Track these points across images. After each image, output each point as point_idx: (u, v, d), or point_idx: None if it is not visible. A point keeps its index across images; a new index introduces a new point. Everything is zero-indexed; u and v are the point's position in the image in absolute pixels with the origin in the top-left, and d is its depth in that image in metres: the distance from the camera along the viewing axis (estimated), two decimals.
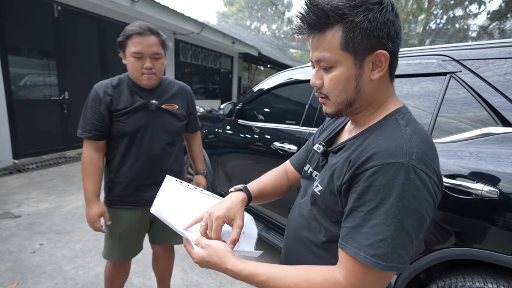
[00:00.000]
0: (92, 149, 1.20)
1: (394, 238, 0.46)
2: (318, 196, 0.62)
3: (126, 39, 1.13)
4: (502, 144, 1.02)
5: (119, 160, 1.24)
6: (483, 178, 1.00)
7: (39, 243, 2.27)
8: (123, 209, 1.28)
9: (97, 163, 1.21)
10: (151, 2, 5.40)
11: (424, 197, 0.48)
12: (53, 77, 4.59)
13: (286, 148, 1.84)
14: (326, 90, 0.59)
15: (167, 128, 1.27)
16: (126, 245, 1.33)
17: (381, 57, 0.53)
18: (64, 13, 4.58)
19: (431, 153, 0.51)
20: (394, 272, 0.50)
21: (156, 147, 1.25)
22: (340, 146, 0.62)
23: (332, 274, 0.52)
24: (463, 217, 1.03)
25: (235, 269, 0.57)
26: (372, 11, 0.50)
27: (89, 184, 1.20)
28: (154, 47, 1.13)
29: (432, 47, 1.40)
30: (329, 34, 0.53)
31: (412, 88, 1.33)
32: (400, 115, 0.56)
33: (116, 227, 1.29)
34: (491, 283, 0.96)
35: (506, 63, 1.10)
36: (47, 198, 3.10)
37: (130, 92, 1.20)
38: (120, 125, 1.18)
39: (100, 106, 1.16)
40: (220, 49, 9.73)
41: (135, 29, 1.11)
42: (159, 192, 0.73)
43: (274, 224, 2.07)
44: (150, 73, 1.16)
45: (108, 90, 1.18)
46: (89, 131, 1.17)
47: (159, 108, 1.24)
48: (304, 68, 2.07)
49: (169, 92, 1.29)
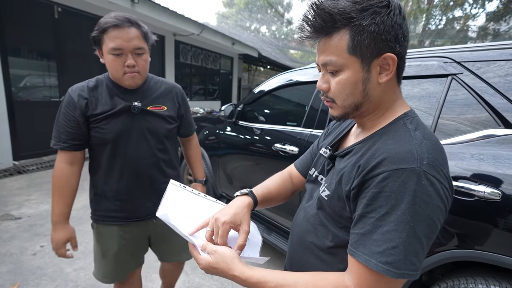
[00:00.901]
0: (65, 162, 1.06)
1: (406, 245, 0.46)
2: (325, 201, 0.61)
3: (102, 33, 0.97)
4: (503, 146, 1.02)
5: (103, 172, 1.09)
6: (485, 180, 1.00)
7: (39, 245, 2.26)
8: (113, 225, 1.13)
9: (70, 180, 1.06)
10: (151, 4, 5.41)
11: (436, 203, 0.47)
12: (53, 78, 4.60)
13: (287, 149, 1.84)
14: (332, 94, 0.58)
15: (154, 132, 1.12)
16: (120, 264, 1.18)
17: (389, 60, 0.53)
18: (64, 14, 4.59)
19: (442, 159, 0.50)
20: (405, 280, 0.50)
21: (143, 154, 1.10)
22: (347, 150, 0.61)
23: (341, 281, 0.51)
24: (466, 219, 1.03)
25: (243, 276, 0.56)
26: (379, 14, 0.50)
27: (56, 204, 1.05)
28: (135, 41, 0.98)
29: (433, 49, 1.40)
30: (336, 38, 0.53)
31: (412, 90, 1.34)
32: (409, 119, 0.56)
33: (108, 246, 1.14)
34: (493, 285, 0.96)
35: (507, 65, 1.10)
36: (48, 200, 3.10)
37: (109, 94, 1.05)
38: (99, 132, 1.04)
39: (75, 112, 1.01)
40: (220, 50, 9.74)
41: (111, 20, 0.95)
42: (164, 196, 0.72)
43: (275, 225, 2.07)
44: (133, 71, 1.01)
45: (83, 93, 1.03)
46: (64, 140, 1.03)
47: (144, 110, 1.09)
48: (304, 69, 2.08)
49: (155, 92, 1.14)
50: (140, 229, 1.18)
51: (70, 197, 1.08)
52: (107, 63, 1.02)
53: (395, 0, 0.52)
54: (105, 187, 1.11)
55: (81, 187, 1.15)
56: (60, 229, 1.07)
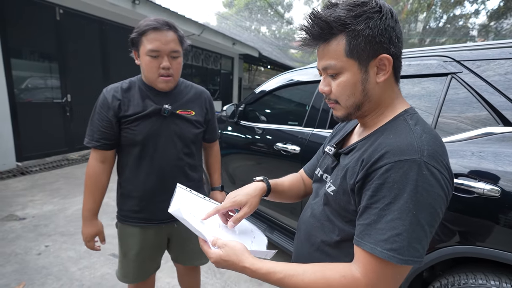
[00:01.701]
0: (97, 160, 1.10)
1: (409, 233, 0.48)
2: (331, 196, 0.64)
3: (141, 35, 1.00)
4: (503, 143, 1.04)
5: (130, 172, 1.12)
6: (485, 177, 1.01)
7: (44, 245, 2.29)
8: (136, 226, 1.16)
9: (100, 177, 1.11)
10: (152, 5, 5.44)
11: (437, 192, 0.50)
12: (56, 79, 4.63)
13: (289, 148, 1.86)
14: (334, 96, 0.61)
15: (182, 136, 1.14)
16: (140, 265, 1.20)
17: (385, 61, 0.56)
18: (66, 16, 4.61)
19: (441, 151, 0.53)
20: (410, 267, 0.52)
21: (170, 157, 1.12)
22: (351, 147, 0.64)
23: (349, 271, 0.53)
24: (466, 215, 1.05)
25: (253, 268, 0.58)
26: (372, 19, 0.54)
27: (87, 199, 1.11)
28: (172, 44, 1.01)
29: (433, 48, 1.41)
30: (334, 43, 0.57)
31: (413, 89, 1.35)
32: (409, 116, 0.58)
33: (129, 246, 1.17)
34: (493, 280, 0.98)
35: (506, 63, 1.11)
36: (51, 200, 3.13)
37: (141, 96, 1.08)
38: (129, 133, 1.07)
39: (108, 112, 1.05)
40: (221, 50, 9.76)
41: (152, 23, 0.99)
42: (173, 197, 0.75)
43: (277, 224, 2.09)
44: (167, 74, 1.04)
45: (117, 94, 1.07)
46: (96, 139, 1.07)
47: (174, 113, 1.11)
48: (305, 69, 2.09)
49: (185, 96, 1.16)
50: (161, 232, 1.20)
51: (99, 194, 1.12)
52: (143, 65, 1.04)
53: (387, 5, 0.56)
54: (131, 188, 1.13)
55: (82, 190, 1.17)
56: (89, 224, 1.13)
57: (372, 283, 0.51)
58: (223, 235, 0.68)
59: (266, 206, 2.17)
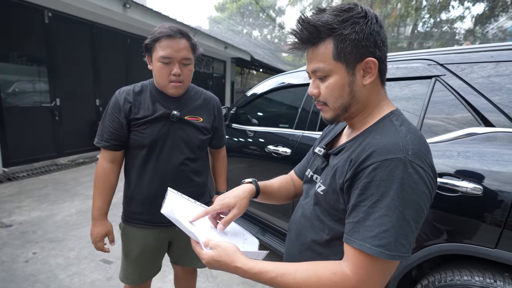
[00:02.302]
0: (107, 160, 1.12)
1: (396, 229, 0.50)
2: (321, 196, 0.65)
3: (154, 42, 1.03)
4: (487, 143, 1.07)
5: (136, 174, 1.14)
6: (468, 176, 1.04)
7: (32, 252, 2.24)
8: (139, 227, 1.17)
9: (109, 177, 1.13)
10: (143, 8, 5.42)
11: (422, 189, 0.52)
12: (44, 83, 4.55)
13: (280, 151, 1.87)
14: (323, 98, 0.63)
15: (188, 142, 1.15)
16: (141, 267, 1.22)
17: (371, 64, 0.59)
18: (55, 19, 4.56)
19: (425, 150, 0.55)
20: (398, 262, 0.53)
21: (175, 161, 1.14)
22: (340, 148, 0.66)
23: (339, 268, 0.55)
24: (451, 214, 1.08)
25: (245, 267, 0.59)
26: (358, 24, 0.57)
27: (96, 199, 1.12)
28: (184, 52, 1.04)
29: (418, 51, 1.46)
30: (322, 46, 0.59)
31: (400, 91, 1.38)
32: (395, 117, 0.61)
33: (131, 247, 1.19)
34: (477, 276, 1.00)
35: (488, 66, 1.15)
36: (39, 206, 3.06)
37: (152, 100, 1.11)
38: (138, 135, 1.09)
39: (119, 114, 1.08)
40: (213, 54, 9.78)
41: (165, 31, 1.02)
42: (165, 200, 0.76)
43: (269, 226, 2.09)
44: (178, 81, 1.07)
45: (129, 97, 1.09)
46: (106, 140, 1.09)
47: (182, 119, 1.13)
48: (296, 72, 2.12)
49: (194, 103, 1.19)
50: (163, 235, 1.21)
51: (109, 194, 1.14)
52: (154, 70, 1.08)
53: (372, 11, 0.59)
54: (136, 190, 1.15)
55: (74, 194, 1.16)
56: (98, 224, 1.13)
57: (362, 279, 0.52)
58: (215, 237, 0.69)
59: (258, 209, 2.17)
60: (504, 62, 1.13)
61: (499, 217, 0.96)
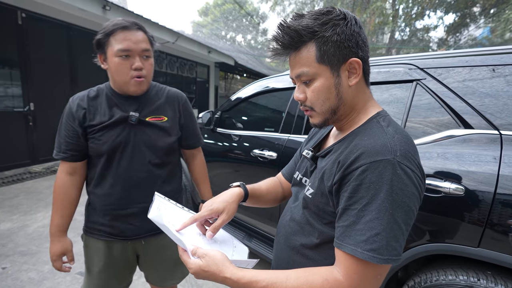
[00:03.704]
0: (65, 173, 1.04)
1: (387, 232, 0.49)
2: (310, 199, 0.64)
3: (108, 36, 0.95)
4: (464, 144, 1.11)
5: (95, 184, 1.06)
6: (450, 177, 1.07)
7: (1, 267, 2.08)
8: (100, 240, 1.08)
9: (68, 190, 1.04)
10: (124, 11, 5.30)
11: (411, 191, 0.51)
12: (17, 87, 4.32)
13: (266, 155, 1.86)
14: (310, 102, 0.62)
15: (152, 146, 1.06)
16: (105, 283, 1.11)
17: (355, 64, 0.59)
18: (29, 20, 4.36)
19: (413, 150, 0.55)
20: (389, 266, 0.52)
21: (137, 168, 1.05)
22: (327, 150, 0.65)
23: (331, 274, 0.53)
24: (435, 214, 1.10)
25: (234, 278, 0.56)
26: (338, 25, 0.57)
27: (54, 215, 1.04)
28: (143, 44, 0.97)
29: (399, 56, 1.50)
30: (304, 50, 0.59)
31: (382, 95, 1.41)
32: (381, 118, 0.60)
33: (93, 260, 1.10)
34: (461, 275, 1.02)
35: (464, 71, 1.20)
36: (10, 218, 2.87)
37: (108, 104, 1.02)
38: (95, 143, 1.01)
39: (74, 122, 0.99)
40: (196, 58, 9.70)
41: (120, 22, 0.95)
42: (152, 205, 0.72)
43: (255, 231, 2.06)
44: (140, 75, 0.99)
45: (82, 103, 1.01)
46: (64, 151, 1.01)
47: (142, 121, 1.04)
48: (281, 76, 2.12)
49: (156, 102, 1.09)
50: (128, 248, 1.11)
51: (68, 208, 1.05)
52: (112, 67, 0.97)
53: (350, 13, 0.59)
54: (96, 200, 1.06)
55: (49, 203, 1.09)
56: (55, 242, 1.05)
57: (354, 284, 0.51)
58: (203, 245, 0.66)
59: (243, 214, 2.14)
60: (477, 66, 1.17)
61: (481, 216, 0.99)
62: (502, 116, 1.06)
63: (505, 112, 1.06)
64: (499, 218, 0.96)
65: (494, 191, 0.97)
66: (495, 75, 1.13)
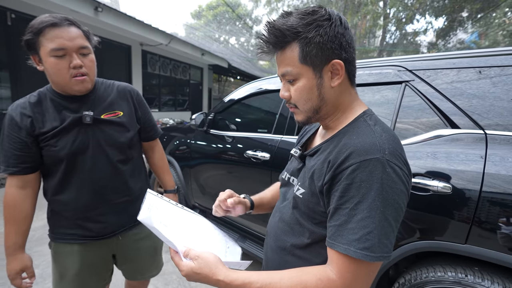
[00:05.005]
0: (16, 187, 0.96)
1: (379, 230, 0.50)
2: (300, 199, 0.64)
3: (37, 35, 0.87)
4: (452, 143, 1.14)
5: (56, 191, 1.00)
6: (438, 176, 1.10)
7: None
8: (74, 243, 1.03)
9: (21, 205, 0.97)
10: (117, 13, 5.27)
11: (400, 188, 0.52)
12: (6, 89, 4.25)
13: (259, 156, 1.87)
14: (294, 100, 0.64)
15: (114, 143, 1.02)
16: (84, 285, 1.07)
17: (337, 66, 0.59)
18: (19, 21, 4.30)
19: (399, 148, 0.56)
20: (381, 263, 0.53)
21: (103, 168, 1.01)
22: (315, 149, 0.66)
23: (324, 273, 0.54)
24: (424, 212, 1.12)
25: (227, 280, 0.56)
26: (322, 27, 0.57)
27: (9, 232, 0.96)
28: (79, 40, 0.90)
29: (389, 58, 1.53)
30: (288, 50, 0.60)
31: (373, 97, 1.44)
32: (368, 116, 0.61)
33: (67, 266, 1.04)
34: (450, 272, 1.05)
35: (452, 73, 1.23)
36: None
37: (56, 108, 0.96)
38: (51, 150, 0.95)
39: (20, 133, 0.92)
40: (190, 60, 9.69)
41: (48, 19, 0.87)
42: (143, 204, 0.70)
43: (249, 233, 2.07)
44: (81, 73, 0.92)
45: (25, 111, 0.93)
46: (13, 164, 0.93)
47: (97, 119, 0.99)
48: (273, 78, 2.14)
49: (108, 98, 1.05)
50: (104, 247, 1.09)
51: (23, 224, 0.98)
52: (49, 69, 0.91)
53: (336, 12, 0.59)
54: (62, 207, 1.01)
55: (40, 203, 1.06)
56: (13, 260, 0.97)
57: (347, 283, 0.52)
58: (195, 245, 0.65)
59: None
60: (464, 68, 1.21)
61: (467, 213, 1.02)
62: (489, 117, 1.09)
63: (491, 112, 1.09)
64: (484, 215, 0.99)
65: (480, 189, 1.00)
66: (481, 76, 1.16)
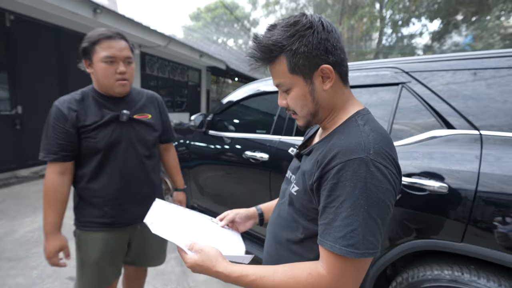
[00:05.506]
0: (56, 173, 1.09)
1: (363, 227, 0.52)
2: (294, 196, 0.67)
3: (94, 44, 1.06)
4: (448, 144, 1.16)
5: (90, 179, 1.13)
6: (434, 176, 1.12)
7: None
8: (99, 231, 1.16)
9: (61, 190, 1.10)
10: (115, 14, 5.27)
11: (385, 187, 0.54)
12: (4, 90, 4.23)
13: (258, 156, 1.88)
14: (291, 108, 0.67)
15: (142, 140, 1.20)
16: (101, 272, 1.18)
17: (326, 70, 0.61)
18: (18, 22, 4.29)
19: (388, 147, 0.57)
20: (370, 259, 0.55)
21: (132, 161, 1.17)
22: (310, 149, 0.68)
23: (315, 268, 0.57)
24: (421, 211, 1.14)
25: (226, 272, 0.61)
26: (305, 36, 0.59)
27: (49, 214, 1.09)
28: (126, 51, 1.10)
29: (386, 60, 1.55)
30: (277, 64, 0.63)
31: (371, 98, 1.46)
32: (359, 116, 0.63)
33: (90, 252, 1.16)
34: (446, 270, 1.07)
35: (447, 75, 1.26)
36: None
37: (97, 106, 1.13)
38: (90, 141, 1.10)
39: (66, 124, 1.07)
40: (188, 62, 9.70)
41: (105, 33, 1.07)
42: (150, 210, 0.77)
43: (248, 233, 2.07)
44: (123, 79, 1.11)
45: (72, 106, 1.09)
46: (54, 152, 1.07)
47: (132, 119, 1.17)
48: (271, 80, 2.15)
49: (139, 101, 1.23)
50: (125, 235, 1.22)
51: (61, 207, 1.11)
52: (98, 72, 1.08)
53: (317, 18, 0.60)
54: (93, 193, 1.14)
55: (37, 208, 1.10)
56: (52, 239, 1.10)
57: (336, 278, 0.54)
58: (201, 240, 0.71)
59: None
60: (460, 70, 1.23)
61: (463, 213, 1.04)
62: (484, 118, 1.11)
63: (486, 113, 1.11)
64: (480, 214, 1.01)
65: (475, 188, 1.02)
66: (476, 78, 1.19)
